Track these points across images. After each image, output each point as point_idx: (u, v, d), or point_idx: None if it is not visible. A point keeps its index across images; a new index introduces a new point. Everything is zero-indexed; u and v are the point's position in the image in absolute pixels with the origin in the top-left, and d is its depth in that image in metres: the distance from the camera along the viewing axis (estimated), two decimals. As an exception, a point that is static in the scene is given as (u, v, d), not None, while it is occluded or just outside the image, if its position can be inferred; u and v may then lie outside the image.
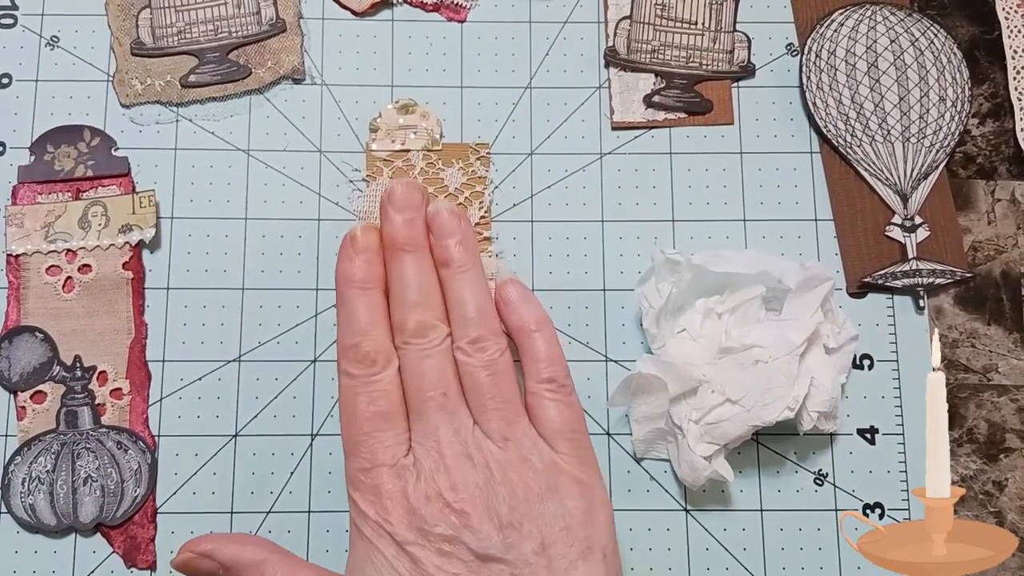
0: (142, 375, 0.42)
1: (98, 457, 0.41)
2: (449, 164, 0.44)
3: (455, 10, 0.47)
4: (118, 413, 0.42)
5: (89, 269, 0.42)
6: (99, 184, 0.43)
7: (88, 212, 0.43)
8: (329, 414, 0.42)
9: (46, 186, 0.43)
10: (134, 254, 0.43)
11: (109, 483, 0.41)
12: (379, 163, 0.44)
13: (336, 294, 0.38)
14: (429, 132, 0.44)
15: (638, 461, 0.42)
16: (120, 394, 0.42)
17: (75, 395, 0.41)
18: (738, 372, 0.40)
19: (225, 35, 0.45)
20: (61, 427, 0.41)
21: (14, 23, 0.45)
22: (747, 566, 0.42)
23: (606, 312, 0.44)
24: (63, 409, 0.41)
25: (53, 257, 0.42)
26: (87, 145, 0.44)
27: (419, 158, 0.44)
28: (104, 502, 0.41)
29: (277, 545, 0.37)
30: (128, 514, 0.41)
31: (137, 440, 0.41)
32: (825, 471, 0.43)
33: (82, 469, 0.41)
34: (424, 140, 0.44)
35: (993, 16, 0.48)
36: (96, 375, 0.42)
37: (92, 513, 0.40)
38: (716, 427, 0.40)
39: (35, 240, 0.42)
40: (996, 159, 0.47)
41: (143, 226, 0.43)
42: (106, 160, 0.44)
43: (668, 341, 0.41)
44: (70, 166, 0.43)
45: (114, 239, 0.43)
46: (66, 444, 0.41)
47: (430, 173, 0.44)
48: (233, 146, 0.45)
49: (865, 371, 0.44)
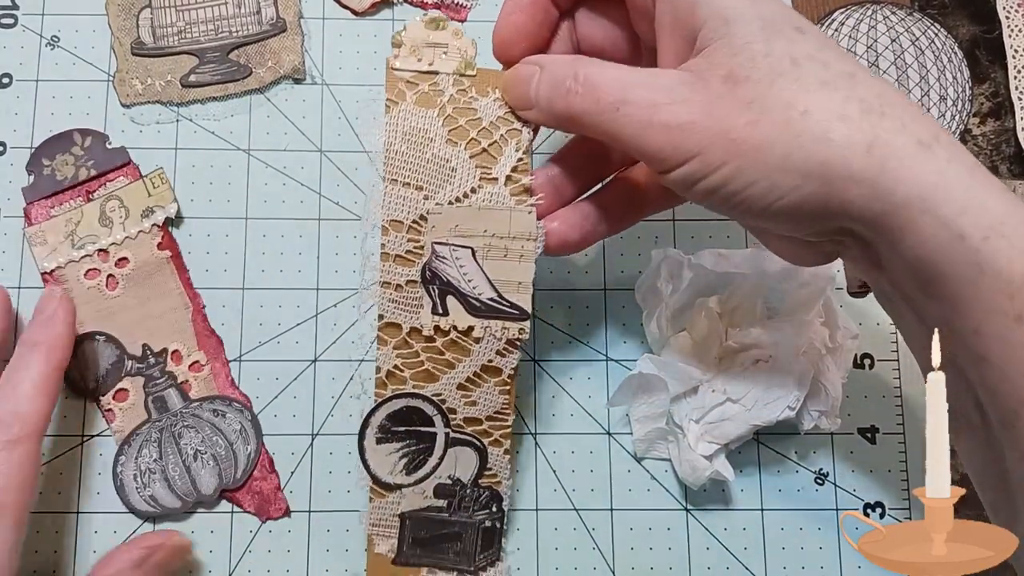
0: (214, 342, 0.42)
1: (200, 431, 0.41)
2: (484, 93, 0.36)
3: (455, 10, 0.47)
4: (204, 384, 0.42)
5: (126, 262, 0.43)
6: (106, 180, 0.43)
7: (105, 209, 0.43)
8: (329, 414, 0.42)
9: (55, 198, 0.43)
10: (164, 233, 0.43)
11: (219, 451, 0.41)
12: (402, 85, 0.36)
13: None
14: (462, 53, 0.37)
15: (639, 461, 0.43)
16: (199, 366, 0.42)
17: (156, 381, 0.42)
18: (738, 372, 0.40)
19: (225, 35, 0.45)
20: (153, 415, 0.41)
21: (14, 23, 0.45)
22: (748, 565, 0.42)
23: (606, 312, 0.44)
24: (149, 398, 0.42)
25: (87, 262, 0.42)
26: (81, 147, 0.44)
27: (449, 83, 0.36)
28: (220, 470, 0.41)
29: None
30: (247, 472, 0.41)
31: (231, 403, 0.42)
32: (826, 470, 0.43)
33: (188, 446, 0.41)
34: (456, 61, 0.37)
35: (994, 15, 0.48)
36: (170, 356, 0.42)
37: (212, 483, 0.41)
38: (717, 427, 0.40)
39: (63, 252, 0.42)
40: (997, 158, 0.47)
41: (163, 204, 0.43)
42: (104, 155, 0.44)
43: (668, 341, 0.41)
44: (72, 172, 0.43)
45: (140, 225, 0.43)
46: (164, 429, 0.41)
47: (461, 102, 0.36)
48: (233, 146, 0.45)
49: (865, 371, 0.44)
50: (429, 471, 0.38)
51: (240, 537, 0.41)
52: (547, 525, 0.42)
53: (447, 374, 0.37)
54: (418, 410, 0.38)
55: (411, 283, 0.36)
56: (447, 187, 0.36)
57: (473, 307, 0.37)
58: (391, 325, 0.37)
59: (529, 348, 0.43)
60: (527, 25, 0.36)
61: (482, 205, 0.36)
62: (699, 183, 0.30)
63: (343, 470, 0.42)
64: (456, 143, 0.36)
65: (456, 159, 0.36)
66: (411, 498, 0.38)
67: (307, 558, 0.41)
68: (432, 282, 0.36)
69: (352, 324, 0.43)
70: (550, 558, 0.41)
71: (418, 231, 0.36)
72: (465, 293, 0.37)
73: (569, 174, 0.37)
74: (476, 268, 0.36)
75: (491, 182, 0.36)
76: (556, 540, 0.42)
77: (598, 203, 0.37)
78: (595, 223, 0.37)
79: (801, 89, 0.29)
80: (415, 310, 0.37)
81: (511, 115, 0.36)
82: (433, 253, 0.36)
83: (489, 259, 0.36)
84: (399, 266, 0.36)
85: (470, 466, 0.39)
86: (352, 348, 0.43)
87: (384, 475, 0.38)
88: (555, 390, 0.43)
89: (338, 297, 0.43)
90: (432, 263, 0.36)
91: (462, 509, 0.39)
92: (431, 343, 0.37)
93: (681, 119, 0.30)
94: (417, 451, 0.38)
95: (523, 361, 0.43)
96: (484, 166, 0.36)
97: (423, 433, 0.38)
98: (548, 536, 0.42)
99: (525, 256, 0.36)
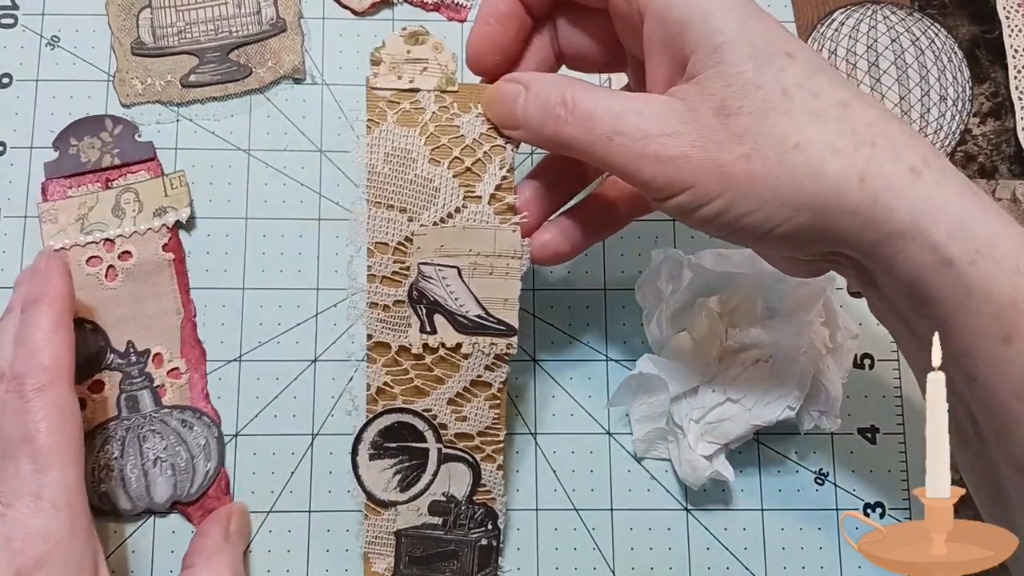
0: (197, 352, 0.42)
1: (164, 438, 0.41)
2: (466, 109, 0.36)
3: (455, 9, 0.47)
4: (178, 392, 0.42)
5: (130, 256, 0.43)
6: (127, 171, 0.44)
7: (120, 200, 0.43)
8: (330, 414, 0.42)
9: (75, 179, 0.43)
10: (172, 235, 0.43)
11: (179, 461, 0.41)
12: (382, 104, 0.36)
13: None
14: (443, 68, 0.36)
15: (639, 461, 0.42)
16: (178, 373, 0.42)
17: (133, 380, 0.42)
18: (738, 372, 0.40)
19: (225, 35, 0.45)
20: (123, 413, 0.41)
21: (14, 23, 0.45)
22: (748, 565, 0.42)
23: (606, 312, 0.44)
24: (122, 395, 0.41)
25: (91, 248, 0.42)
26: (110, 134, 0.44)
27: (431, 100, 0.36)
28: (176, 480, 0.41)
29: None
30: (202, 488, 0.41)
31: (201, 416, 0.42)
32: (826, 470, 0.43)
33: (150, 451, 0.41)
34: (437, 77, 0.36)
35: (994, 15, 0.48)
36: (151, 358, 0.42)
37: (166, 493, 0.41)
38: (717, 427, 0.40)
39: (71, 233, 0.42)
40: (997, 158, 0.47)
41: (177, 207, 0.43)
42: (131, 146, 0.44)
43: (668, 341, 0.41)
44: (96, 157, 0.43)
45: (150, 223, 0.43)
46: (130, 429, 0.41)
47: (443, 119, 0.36)
48: (233, 146, 0.45)
49: (865, 371, 0.44)
50: (423, 488, 0.38)
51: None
52: (547, 525, 0.42)
53: (437, 389, 0.37)
54: (409, 426, 0.38)
55: (398, 303, 0.37)
56: (431, 208, 0.36)
57: (461, 324, 0.37)
58: (380, 344, 0.37)
59: (529, 348, 0.43)
60: (501, 36, 0.35)
61: (466, 225, 0.36)
62: (694, 213, 0.31)
63: (343, 470, 0.42)
64: (439, 162, 0.36)
65: (439, 179, 0.36)
66: (406, 515, 0.38)
67: (307, 558, 0.41)
68: (419, 302, 0.37)
69: (352, 324, 0.43)
70: (550, 558, 0.41)
71: (404, 252, 0.36)
72: (452, 311, 0.37)
73: (549, 189, 0.37)
74: (462, 286, 0.37)
75: (475, 201, 0.36)
76: (556, 540, 0.42)
77: (581, 216, 0.37)
78: (581, 235, 0.37)
79: (792, 123, 0.29)
80: (403, 329, 0.37)
81: (494, 131, 0.36)
82: (419, 273, 0.36)
83: (475, 277, 0.36)
84: (386, 287, 0.36)
85: (464, 482, 0.39)
86: (353, 347, 0.43)
87: (379, 492, 0.38)
88: (555, 390, 0.43)
89: (338, 297, 0.43)
90: (419, 283, 0.36)
91: (457, 527, 0.39)
92: (420, 360, 0.37)
93: (673, 152, 0.30)
94: (411, 467, 0.38)
95: (523, 361, 0.43)
96: (468, 185, 0.36)
97: (415, 449, 0.38)
98: (548, 536, 0.42)
99: (510, 273, 0.36)
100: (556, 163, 0.38)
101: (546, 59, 0.37)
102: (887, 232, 0.28)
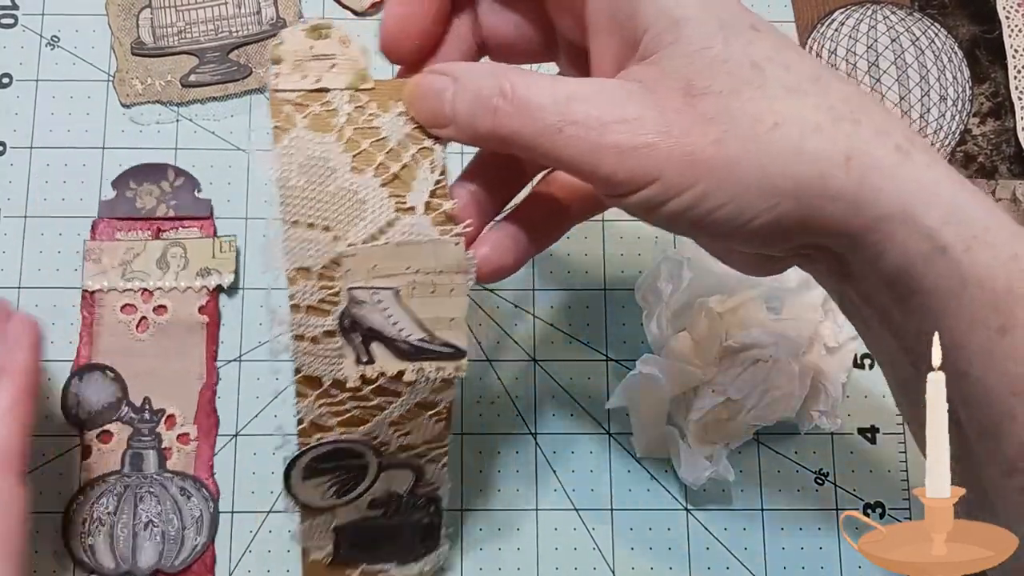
0: (210, 422, 0.42)
1: (161, 502, 0.40)
2: (386, 108, 0.31)
3: (455, 10, 0.46)
4: (184, 459, 0.41)
5: (164, 310, 0.42)
6: (180, 225, 0.43)
7: (167, 252, 0.42)
8: (329, 414, 0.42)
9: (126, 223, 0.43)
10: (211, 299, 0.42)
11: (170, 529, 0.40)
12: (289, 108, 0.31)
13: None
14: (353, 63, 0.31)
15: (639, 461, 0.42)
16: (187, 439, 0.41)
17: (142, 437, 0.41)
18: (738, 372, 0.40)
19: (225, 35, 0.45)
20: (126, 469, 0.41)
21: (14, 23, 0.45)
22: (748, 565, 0.42)
23: (606, 312, 0.44)
24: (129, 451, 0.41)
25: (129, 296, 0.42)
26: (170, 184, 0.43)
27: (344, 100, 0.31)
28: (164, 548, 0.40)
29: None
30: (187, 563, 0.40)
31: (201, 488, 0.41)
32: (826, 470, 0.43)
33: (144, 513, 0.40)
34: (348, 76, 0.31)
35: (994, 15, 0.48)
36: (164, 418, 0.41)
37: (151, 559, 0.40)
38: (717, 427, 0.40)
39: (112, 277, 0.42)
40: (997, 158, 0.47)
41: (222, 271, 0.42)
42: (189, 201, 0.43)
43: (668, 341, 0.41)
44: (152, 204, 0.43)
45: (192, 282, 0.42)
46: (129, 487, 0.40)
47: (361, 121, 0.31)
48: (234, 146, 0.45)
49: (865, 370, 0.44)
50: (362, 491, 0.36)
51: (240, 537, 0.41)
52: (547, 525, 0.42)
53: (378, 415, 0.33)
54: (346, 449, 0.34)
55: (328, 334, 0.31)
56: (358, 223, 0.30)
57: (401, 351, 0.32)
58: (310, 379, 0.32)
59: (529, 348, 0.43)
60: (419, 16, 0.31)
61: (401, 240, 0.30)
62: (660, 208, 0.27)
63: (343, 470, 0.42)
64: (362, 170, 0.30)
65: (365, 189, 0.30)
66: (345, 514, 0.36)
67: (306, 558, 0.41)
68: (352, 331, 0.31)
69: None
70: (550, 558, 0.41)
71: (331, 277, 0.31)
72: (391, 337, 0.31)
73: (488, 190, 0.32)
74: (401, 310, 0.31)
75: (408, 212, 0.31)
76: (556, 540, 0.42)
77: (524, 221, 0.33)
78: (526, 244, 0.33)
79: (766, 98, 0.26)
80: (336, 361, 0.32)
81: (420, 131, 0.31)
82: (351, 299, 0.31)
83: (415, 297, 0.31)
84: (312, 316, 0.31)
85: (405, 482, 0.36)
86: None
87: (315, 502, 0.35)
88: (555, 390, 0.43)
89: (338, 297, 0.43)
90: (351, 309, 0.31)
91: (399, 514, 0.37)
92: (358, 392, 0.32)
93: (635, 141, 0.26)
94: (348, 479, 0.35)
95: (523, 361, 0.43)
96: (398, 194, 0.31)
97: (354, 465, 0.35)
98: (548, 536, 0.42)
99: (456, 290, 0.31)
100: (492, 159, 0.33)
101: (468, 49, 0.33)
102: (874, 217, 0.26)
